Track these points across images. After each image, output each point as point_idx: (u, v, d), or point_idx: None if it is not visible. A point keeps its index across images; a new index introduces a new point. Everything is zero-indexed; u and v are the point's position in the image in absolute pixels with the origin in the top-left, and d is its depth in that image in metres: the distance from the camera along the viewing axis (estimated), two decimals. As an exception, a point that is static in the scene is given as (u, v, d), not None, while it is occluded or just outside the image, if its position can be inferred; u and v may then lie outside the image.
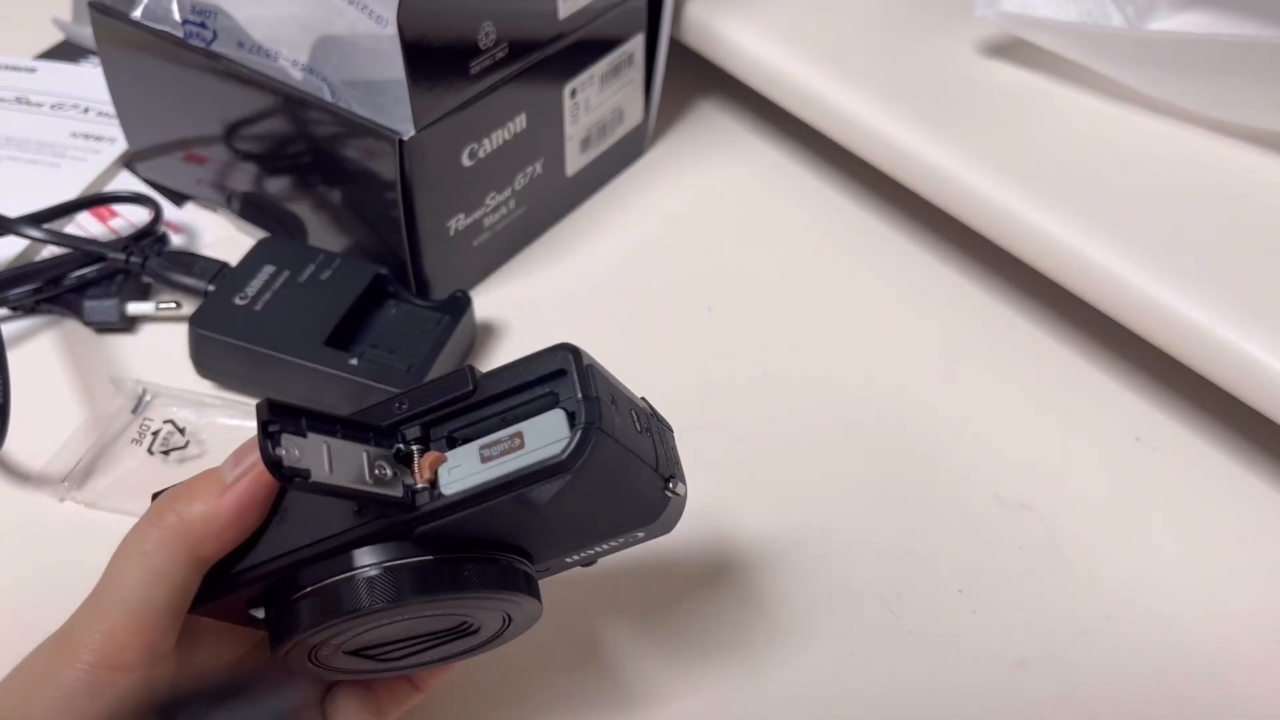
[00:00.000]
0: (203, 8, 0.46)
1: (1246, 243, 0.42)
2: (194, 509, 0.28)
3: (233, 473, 0.28)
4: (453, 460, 0.28)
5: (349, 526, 0.28)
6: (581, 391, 0.27)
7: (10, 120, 0.57)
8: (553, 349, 0.28)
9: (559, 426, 0.27)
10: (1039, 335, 0.49)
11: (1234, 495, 0.44)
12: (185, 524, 0.28)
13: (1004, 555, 0.41)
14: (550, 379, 0.28)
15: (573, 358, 0.27)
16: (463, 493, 0.27)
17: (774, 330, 0.49)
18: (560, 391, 0.27)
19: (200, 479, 0.29)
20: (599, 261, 0.52)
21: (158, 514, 0.28)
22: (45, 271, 0.48)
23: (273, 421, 0.25)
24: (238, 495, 0.28)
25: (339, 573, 0.28)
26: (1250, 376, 0.39)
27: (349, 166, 0.45)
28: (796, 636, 0.39)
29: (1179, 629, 0.39)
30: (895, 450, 0.45)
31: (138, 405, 0.44)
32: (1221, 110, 0.46)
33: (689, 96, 0.61)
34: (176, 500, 0.28)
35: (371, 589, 0.27)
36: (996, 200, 0.45)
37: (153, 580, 0.28)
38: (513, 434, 0.27)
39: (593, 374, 0.27)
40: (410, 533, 0.28)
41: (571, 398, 0.27)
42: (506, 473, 0.27)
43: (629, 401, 0.29)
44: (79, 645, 0.27)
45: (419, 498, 0.27)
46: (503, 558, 0.29)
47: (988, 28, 0.51)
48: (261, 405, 0.25)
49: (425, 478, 0.27)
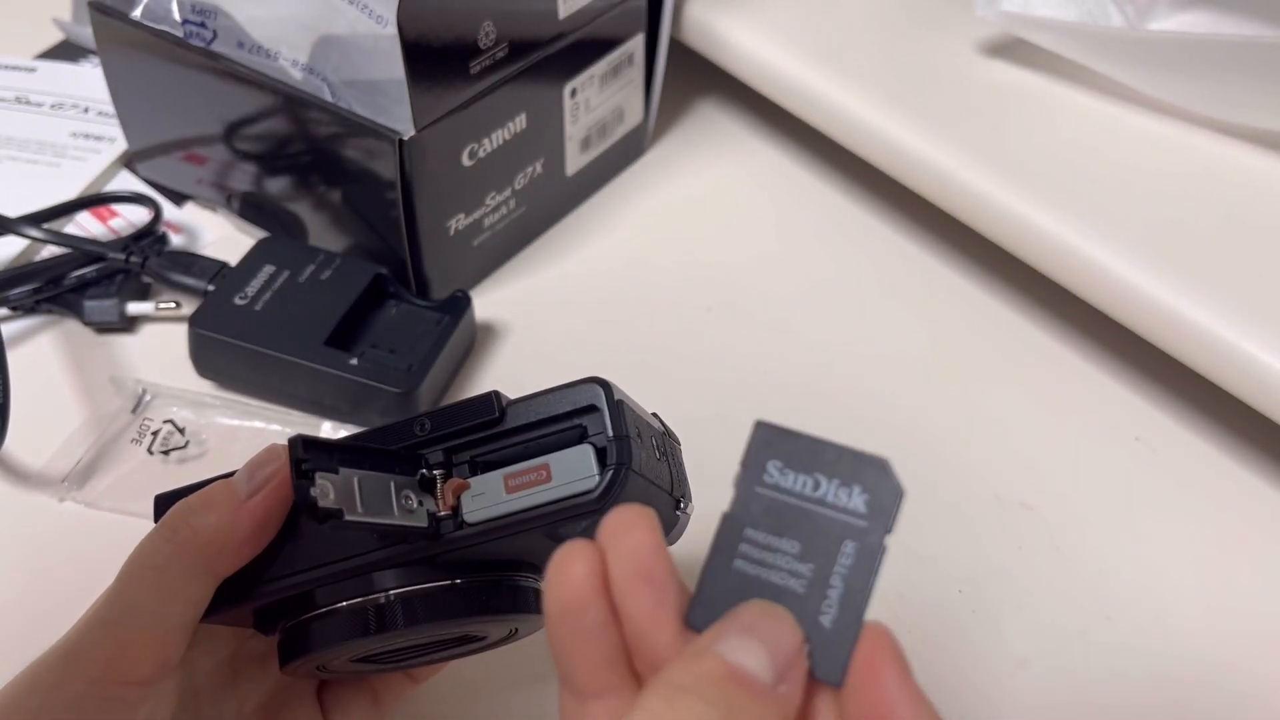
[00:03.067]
0: (203, 7, 0.46)
1: (1246, 243, 0.42)
2: (209, 523, 0.27)
3: (248, 485, 0.28)
4: (476, 487, 0.28)
5: (370, 549, 0.28)
6: (613, 430, 0.27)
7: (10, 120, 0.57)
8: (583, 383, 0.28)
9: (587, 463, 0.27)
10: (1039, 335, 0.49)
11: (1234, 495, 0.44)
12: (200, 539, 0.27)
13: (1004, 555, 0.41)
14: (579, 413, 0.28)
15: (604, 393, 0.27)
16: (487, 521, 0.27)
17: (774, 330, 0.49)
18: (589, 426, 0.27)
19: (215, 490, 0.28)
20: (599, 261, 0.52)
21: (171, 528, 0.27)
22: (45, 271, 0.48)
23: (306, 460, 0.25)
24: (254, 511, 0.27)
25: (359, 594, 0.28)
26: (1250, 376, 0.39)
27: (349, 166, 0.45)
28: (796, 636, 0.39)
29: (1179, 629, 0.39)
30: (895, 450, 0.44)
31: (137, 405, 0.44)
32: (1221, 110, 0.46)
33: (689, 96, 0.61)
34: (191, 514, 0.28)
35: (392, 614, 0.27)
36: (996, 200, 0.45)
37: (167, 596, 0.27)
38: (539, 466, 0.27)
39: (623, 410, 0.27)
40: (432, 558, 0.28)
41: (601, 434, 0.27)
42: (532, 505, 0.27)
43: (649, 428, 0.29)
44: (88, 659, 0.27)
45: (443, 525, 0.27)
46: (518, 578, 0.29)
47: (988, 28, 0.51)
48: (295, 443, 0.25)
49: (449, 504, 0.27)
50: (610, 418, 0.27)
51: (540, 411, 0.28)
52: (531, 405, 0.28)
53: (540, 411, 0.28)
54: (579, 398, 0.27)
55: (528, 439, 0.28)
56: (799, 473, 0.23)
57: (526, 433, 0.28)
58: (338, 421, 0.44)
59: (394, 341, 0.45)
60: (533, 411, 0.28)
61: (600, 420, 0.27)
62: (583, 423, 0.27)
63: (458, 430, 0.28)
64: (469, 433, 0.28)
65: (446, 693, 0.37)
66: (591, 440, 0.27)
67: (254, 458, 0.28)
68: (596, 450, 0.27)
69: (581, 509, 0.27)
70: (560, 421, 0.28)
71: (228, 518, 0.27)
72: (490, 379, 0.47)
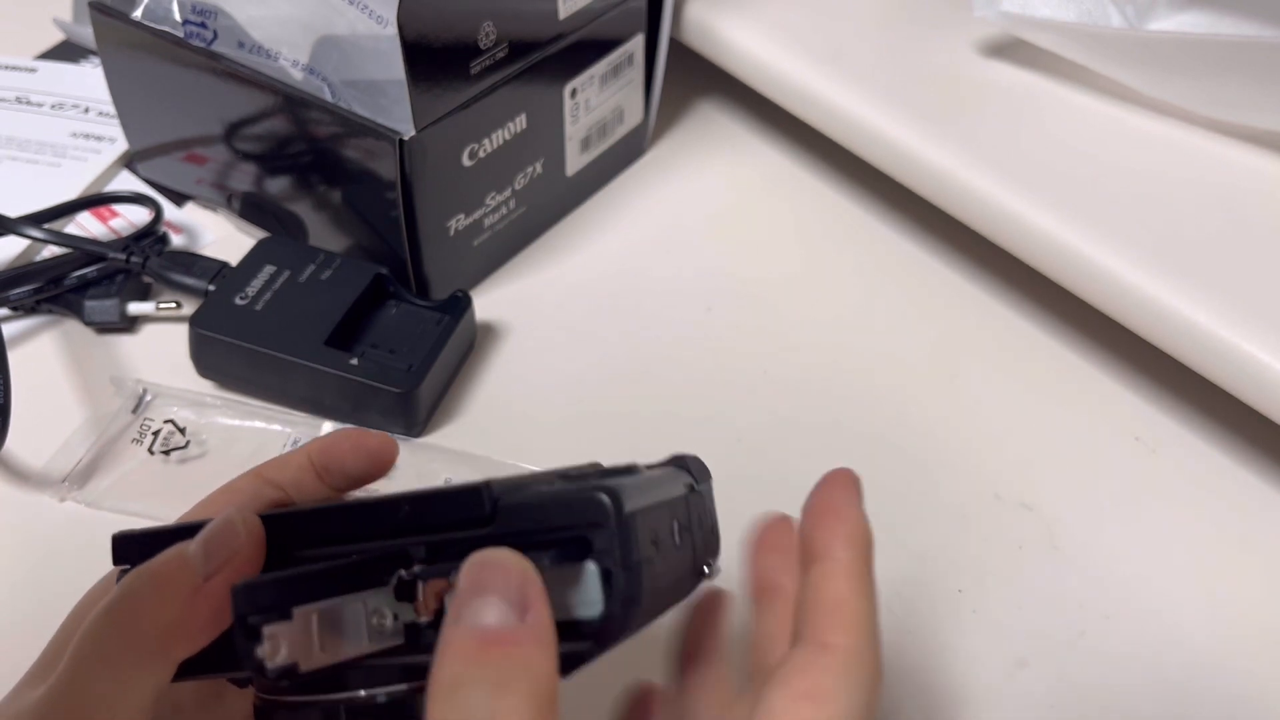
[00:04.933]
0: (203, 8, 0.46)
1: (1246, 243, 0.42)
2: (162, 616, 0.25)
3: (205, 565, 0.25)
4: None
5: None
6: (622, 556, 0.23)
7: (11, 120, 0.57)
8: (590, 495, 0.23)
9: (593, 586, 0.23)
10: (1039, 335, 0.49)
11: (1234, 495, 0.44)
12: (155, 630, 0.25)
13: (1004, 555, 0.41)
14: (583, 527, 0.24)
15: (611, 506, 0.23)
16: None
17: (774, 330, 0.49)
18: (595, 541, 0.23)
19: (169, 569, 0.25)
20: (599, 261, 0.52)
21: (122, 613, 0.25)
22: (46, 271, 0.48)
23: (251, 611, 0.22)
24: (212, 595, 0.25)
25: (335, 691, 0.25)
26: (1250, 376, 0.39)
27: (349, 166, 0.46)
28: (796, 636, 0.39)
29: (1179, 629, 0.39)
30: (895, 450, 0.45)
31: (138, 405, 0.44)
32: (1221, 110, 0.46)
33: (689, 96, 0.61)
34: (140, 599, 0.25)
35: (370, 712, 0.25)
36: (996, 200, 0.45)
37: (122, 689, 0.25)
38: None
39: (633, 525, 0.23)
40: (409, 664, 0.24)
41: (608, 553, 0.23)
42: None
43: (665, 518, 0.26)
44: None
45: (424, 636, 0.23)
46: None
47: (988, 28, 0.51)
48: (238, 593, 0.22)
49: (431, 609, 0.24)
50: (619, 540, 0.23)
51: (537, 520, 0.24)
52: (528, 509, 0.24)
53: (537, 520, 0.24)
54: (584, 513, 0.23)
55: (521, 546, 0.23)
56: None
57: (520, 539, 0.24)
58: (338, 421, 0.44)
59: (394, 341, 0.45)
60: (528, 518, 0.24)
61: (608, 537, 0.23)
62: (586, 535, 0.24)
63: (442, 525, 0.24)
64: (454, 529, 0.24)
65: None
66: (597, 558, 0.23)
67: (210, 529, 0.26)
68: (602, 572, 0.23)
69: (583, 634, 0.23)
70: (560, 532, 0.24)
71: (181, 606, 0.25)
72: (490, 379, 0.47)
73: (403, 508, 0.24)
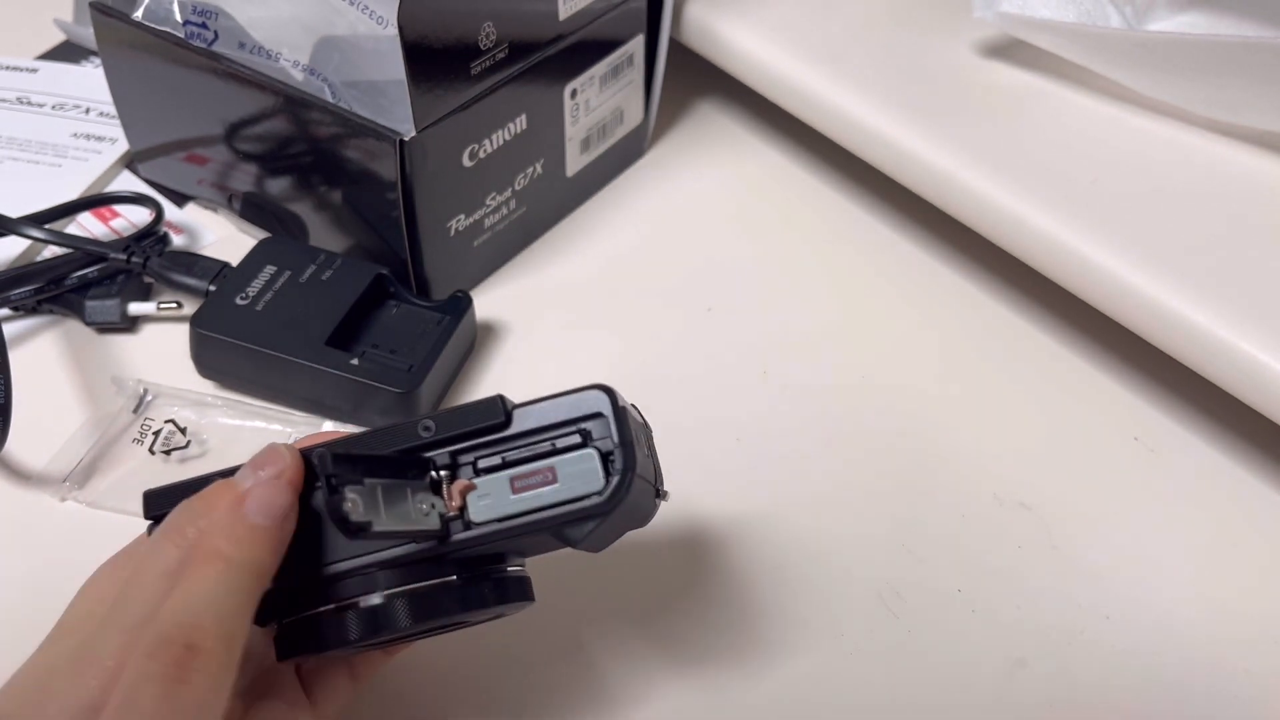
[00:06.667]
0: (204, 9, 0.46)
1: (1246, 243, 0.43)
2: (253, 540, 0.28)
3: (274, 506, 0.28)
4: (482, 489, 0.29)
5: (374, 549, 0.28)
6: (619, 437, 0.28)
7: (12, 121, 0.57)
8: (589, 390, 0.29)
9: (592, 467, 0.28)
10: (1039, 335, 0.50)
11: (1234, 495, 0.44)
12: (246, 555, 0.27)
13: (1003, 555, 0.41)
14: (584, 419, 0.29)
15: (609, 400, 0.29)
16: (494, 521, 0.28)
17: (774, 330, 0.49)
18: (593, 431, 0.29)
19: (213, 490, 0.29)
20: (599, 261, 0.52)
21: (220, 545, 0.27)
22: (47, 272, 0.48)
23: (335, 475, 0.26)
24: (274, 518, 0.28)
25: (361, 591, 0.28)
26: (1250, 377, 0.39)
27: (350, 167, 0.46)
28: (795, 636, 0.39)
29: (1178, 629, 0.39)
30: (894, 450, 0.45)
31: (139, 405, 0.44)
32: (1221, 111, 0.46)
33: (689, 97, 0.61)
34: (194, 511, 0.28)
35: (396, 614, 0.28)
36: (996, 200, 0.45)
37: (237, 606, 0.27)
38: (545, 468, 0.28)
39: (626, 417, 0.29)
40: (437, 557, 0.29)
41: (606, 438, 0.28)
42: (538, 506, 0.28)
43: (642, 429, 0.31)
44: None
45: (453, 526, 0.28)
46: (511, 571, 0.31)
47: (987, 28, 0.51)
48: (324, 458, 0.26)
49: (455, 505, 0.28)
50: (616, 425, 0.28)
51: (545, 417, 0.29)
52: (536, 410, 0.29)
53: (545, 417, 0.29)
54: (584, 404, 0.29)
55: (532, 442, 0.29)
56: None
57: (531, 437, 0.29)
58: (339, 421, 0.44)
59: (395, 341, 0.45)
60: (537, 416, 0.29)
61: (605, 426, 0.28)
62: (587, 428, 0.29)
63: (463, 434, 0.29)
64: (474, 435, 0.29)
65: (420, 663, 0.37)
66: (596, 445, 0.29)
67: (257, 455, 0.29)
68: (600, 454, 0.28)
69: (589, 511, 0.28)
70: (565, 427, 0.29)
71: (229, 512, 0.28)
72: (491, 379, 0.47)
73: (429, 425, 0.29)
